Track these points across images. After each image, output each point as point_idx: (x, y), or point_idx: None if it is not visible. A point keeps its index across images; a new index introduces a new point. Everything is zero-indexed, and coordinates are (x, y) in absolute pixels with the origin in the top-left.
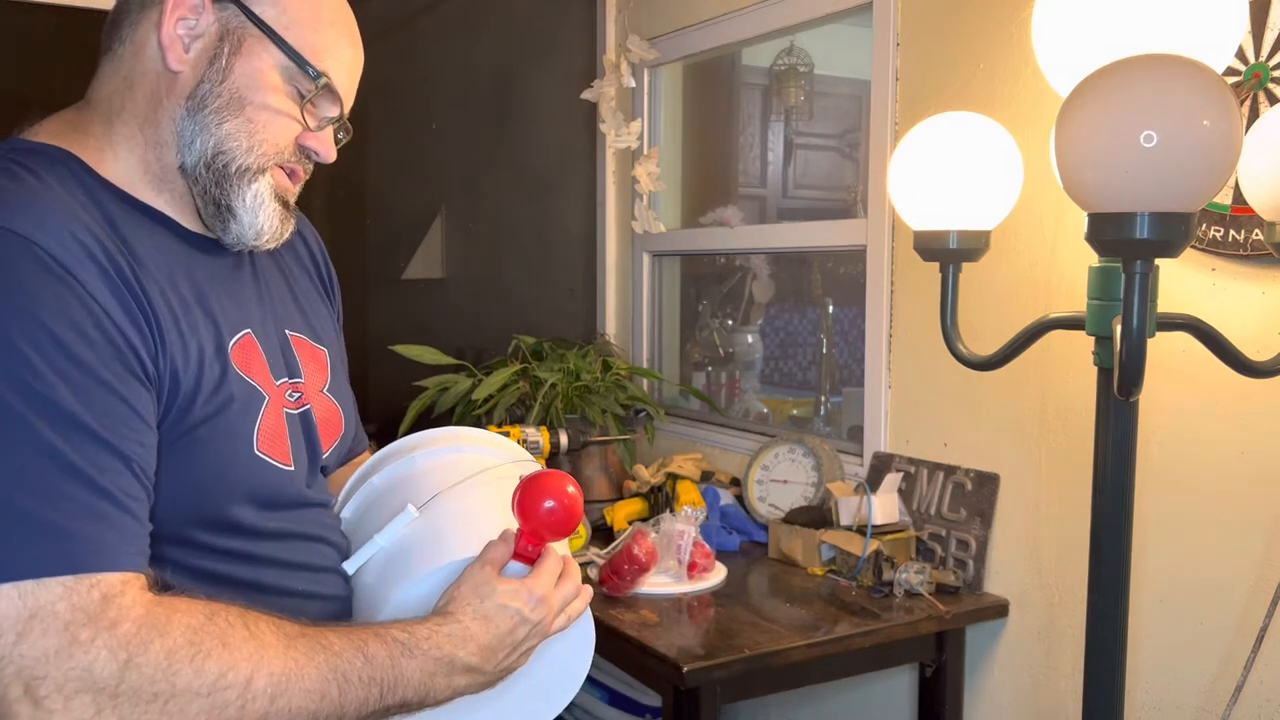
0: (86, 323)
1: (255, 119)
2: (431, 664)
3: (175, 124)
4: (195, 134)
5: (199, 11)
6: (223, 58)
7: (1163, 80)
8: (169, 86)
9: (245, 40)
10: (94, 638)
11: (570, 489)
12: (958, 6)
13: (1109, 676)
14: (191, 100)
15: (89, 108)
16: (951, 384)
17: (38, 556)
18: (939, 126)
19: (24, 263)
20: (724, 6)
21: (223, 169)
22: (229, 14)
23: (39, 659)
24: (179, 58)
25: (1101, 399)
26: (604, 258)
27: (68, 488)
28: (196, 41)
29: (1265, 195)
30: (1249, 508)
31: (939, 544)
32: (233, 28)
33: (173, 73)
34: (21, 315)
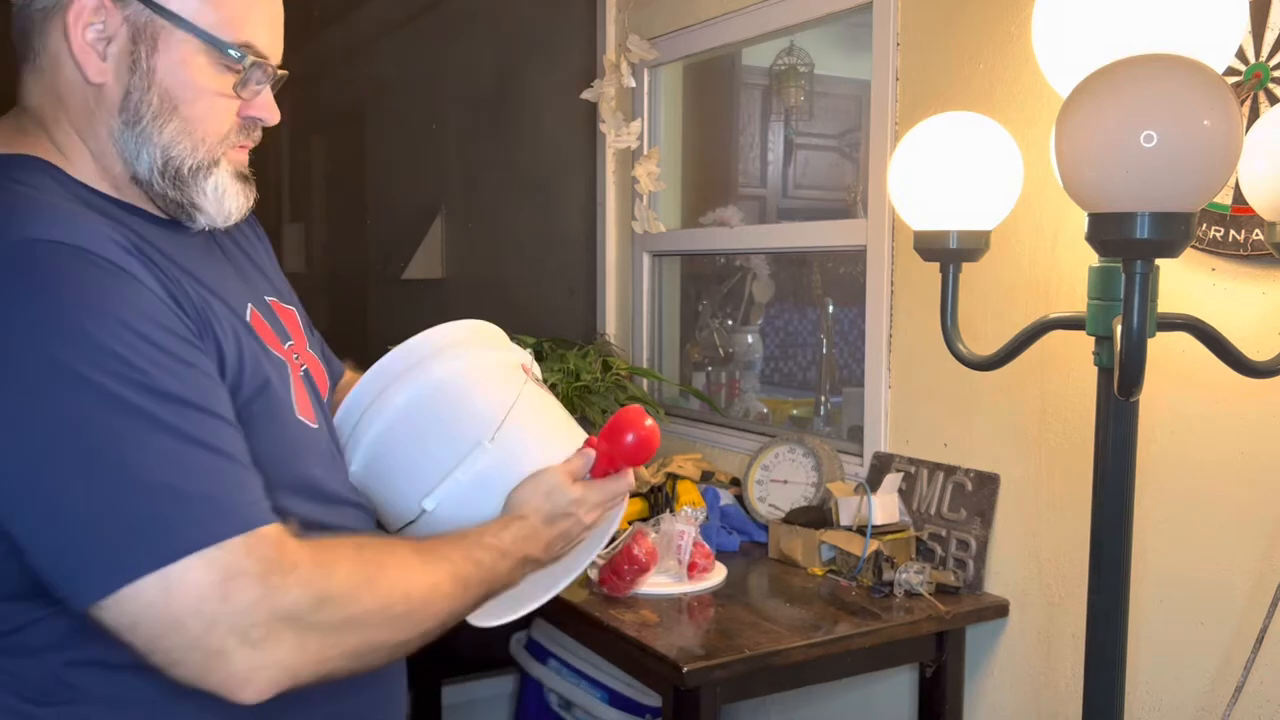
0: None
1: (192, 116)
2: (515, 563)
3: (115, 139)
4: (139, 147)
5: (102, 15)
6: (142, 60)
7: (1163, 80)
8: (97, 99)
9: (159, 36)
10: (284, 581)
11: (648, 423)
12: (958, 6)
13: (1109, 676)
14: (125, 113)
15: (26, 115)
16: (951, 384)
17: (208, 526)
18: (939, 126)
19: (80, 268)
20: (724, 6)
21: (176, 173)
22: (134, 11)
23: (246, 610)
24: (98, 69)
25: (1101, 399)
26: (604, 258)
27: (202, 460)
28: (110, 46)
29: (1265, 195)
30: (1249, 508)
31: (939, 544)
32: (143, 24)
33: (96, 85)
34: (98, 316)
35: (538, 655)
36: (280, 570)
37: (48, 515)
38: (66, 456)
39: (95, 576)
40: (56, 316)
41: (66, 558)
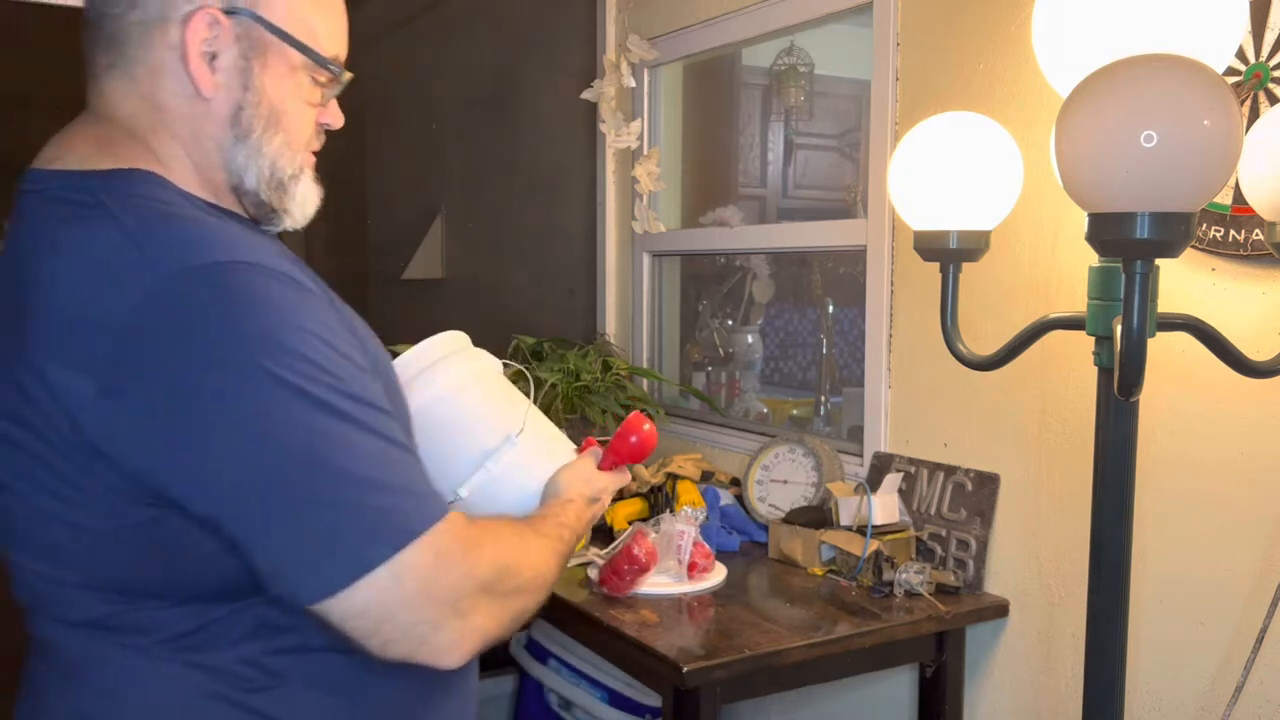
0: (329, 320)
1: (291, 127)
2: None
3: (222, 151)
4: (248, 160)
5: (216, 30)
6: (253, 75)
7: (1163, 80)
8: (205, 112)
9: (268, 51)
10: (479, 556)
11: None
12: (958, 6)
13: (1109, 676)
14: (236, 127)
15: (110, 124)
16: (951, 384)
17: (420, 514)
18: (939, 126)
19: (265, 283)
20: (724, 6)
21: (279, 182)
22: (246, 27)
23: (456, 584)
24: (211, 83)
25: (1101, 399)
26: (604, 258)
27: (395, 455)
28: (220, 60)
29: (1265, 195)
30: (1249, 508)
31: (939, 544)
32: (253, 40)
33: (206, 99)
34: (291, 328)
35: (537, 655)
36: (475, 546)
37: (275, 517)
38: (288, 460)
39: (330, 572)
40: (256, 331)
41: (296, 556)
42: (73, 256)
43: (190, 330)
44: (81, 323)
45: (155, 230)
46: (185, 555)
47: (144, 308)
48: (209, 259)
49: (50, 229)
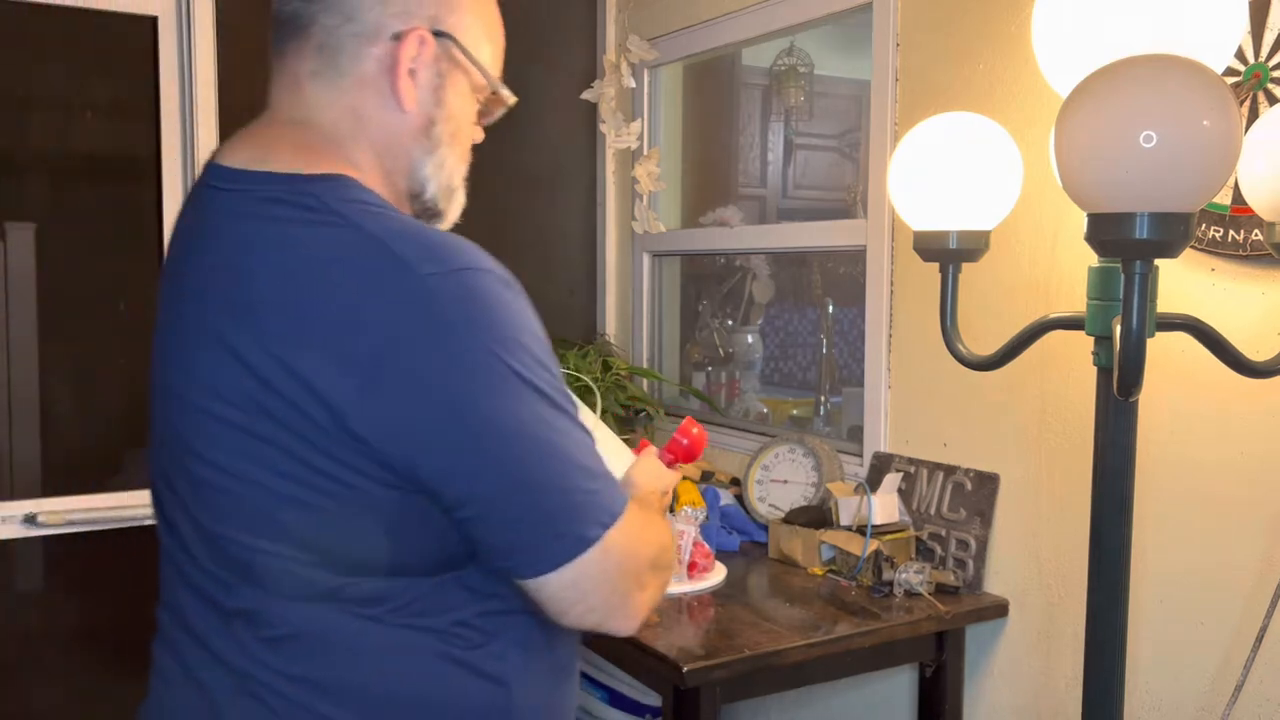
0: (538, 322)
1: (465, 142)
2: None
3: (412, 161)
4: (434, 171)
5: (423, 50)
6: (445, 93)
7: (1162, 80)
8: (402, 124)
9: (454, 71)
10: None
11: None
12: (958, 6)
13: (1108, 676)
14: (427, 139)
15: (310, 130)
16: (951, 384)
17: (618, 498)
18: (939, 126)
19: (499, 289)
20: (724, 7)
21: (449, 194)
22: (444, 48)
23: (642, 558)
24: (413, 99)
25: (1101, 399)
26: (604, 258)
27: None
28: (417, 76)
29: (1265, 195)
30: (1249, 507)
31: (939, 544)
32: (450, 59)
33: (406, 112)
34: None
35: None
36: (648, 524)
37: (514, 498)
38: (530, 448)
39: (556, 550)
40: (500, 332)
41: (528, 535)
42: (315, 256)
43: (446, 330)
44: (346, 321)
45: (395, 234)
46: (420, 533)
47: (404, 308)
48: (459, 265)
49: (275, 228)
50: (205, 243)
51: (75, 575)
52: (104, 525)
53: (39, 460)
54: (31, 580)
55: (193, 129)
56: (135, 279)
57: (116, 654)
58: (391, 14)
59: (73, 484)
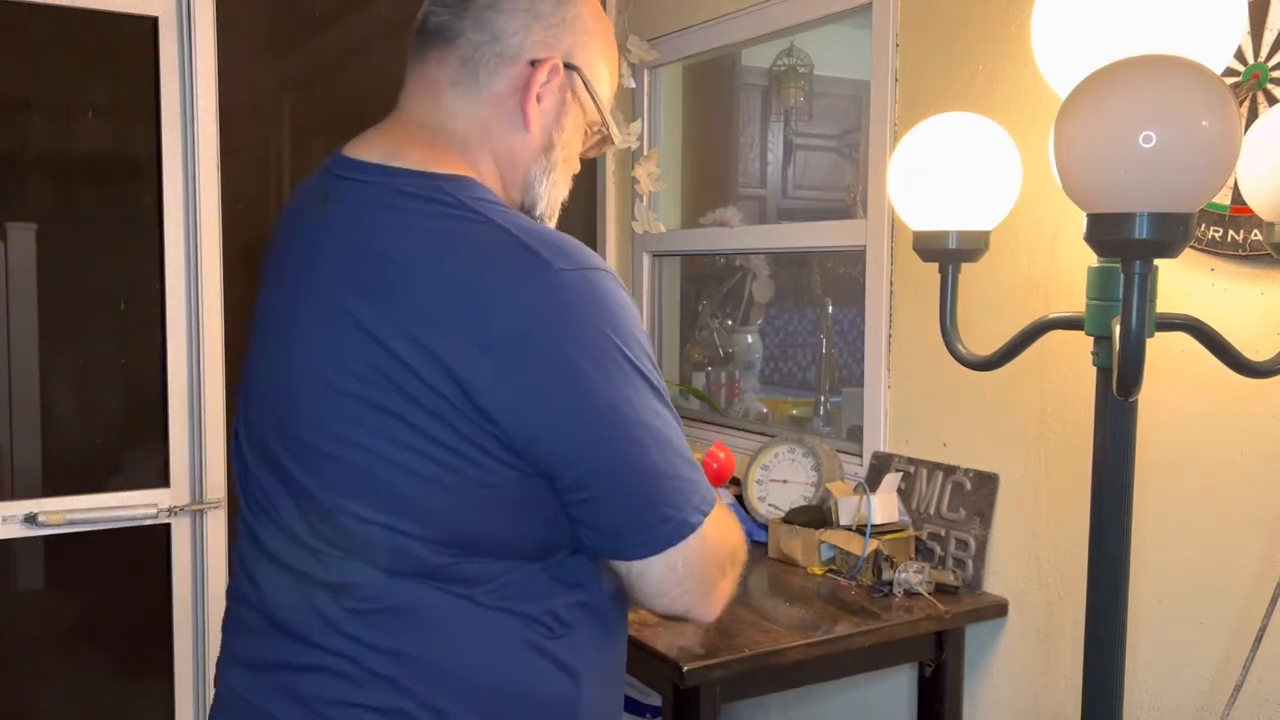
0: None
1: (573, 169)
2: None
3: (529, 178)
4: (546, 190)
5: (553, 77)
6: (564, 119)
7: (1162, 81)
8: (523, 143)
9: (574, 102)
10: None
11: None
12: (958, 6)
13: (1108, 676)
14: (545, 160)
15: (441, 134)
16: (951, 384)
17: (710, 490)
18: (939, 126)
19: (619, 290)
20: (724, 7)
21: (554, 210)
22: (571, 79)
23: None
24: (539, 122)
25: (1101, 399)
26: (604, 258)
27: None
28: (543, 102)
29: (1264, 195)
30: (1248, 507)
31: (938, 544)
32: (573, 91)
33: (528, 133)
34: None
35: None
36: (727, 516)
37: (630, 483)
38: (646, 437)
39: (663, 532)
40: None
41: (639, 518)
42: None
43: (579, 323)
44: (484, 307)
45: (532, 233)
46: (528, 514)
47: (544, 300)
48: (589, 264)
49: (411, 218)
50: (334, 227)
51: (75, 575)
52: (104, 525)
53: (39, 460)
54: (31, 580)
55: (193, 129)
56: (135, 279)
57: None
58: (533, 41)
59: (73, 484)
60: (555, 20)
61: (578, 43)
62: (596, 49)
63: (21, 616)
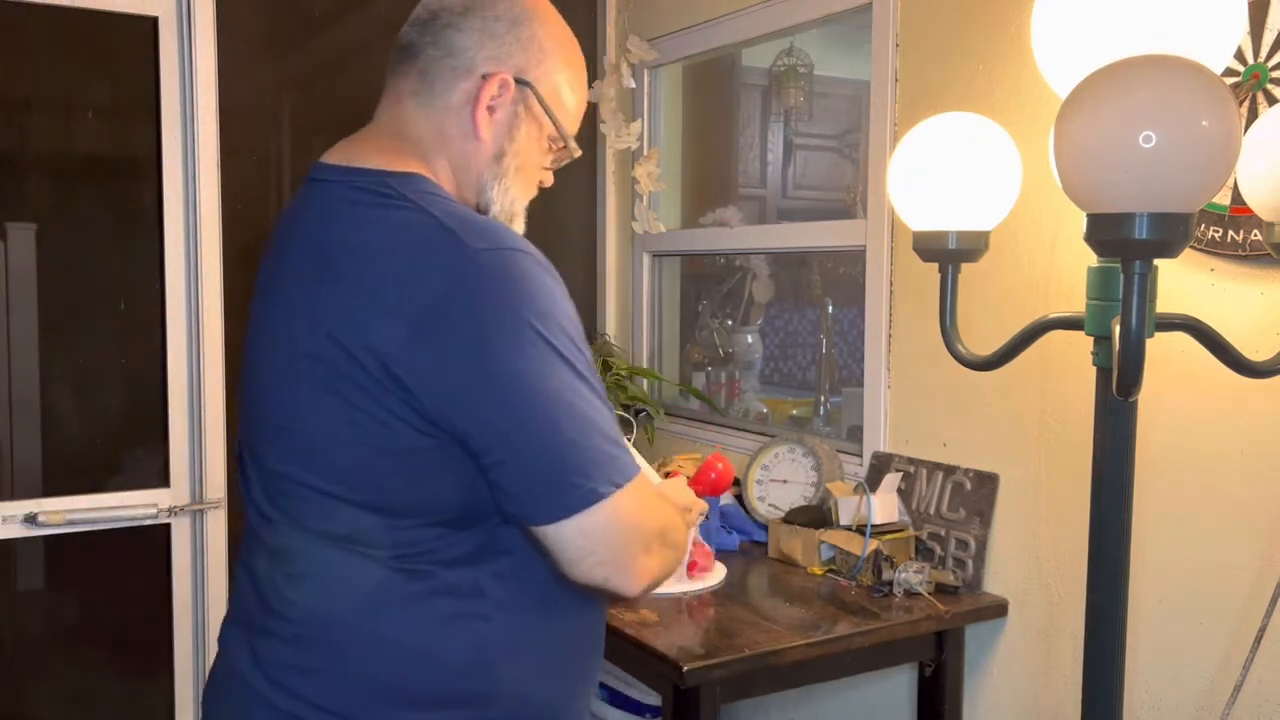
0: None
1: (529, 178)
2: None
3: (481, 182)
4: (498, 194)
5: (503, 91)
6: (519, 130)
7: (1162, 81)
8: (475, 150)
9: (533, 116)
10: (658, 505)
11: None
12: (958, 6)
13: (1108, 676)
14: (496, 165)
15: (400, 139)
16: (951, 384)
17: (630, 464)
18: (938, 127)
19: (540, 271)
20: (724, 7)
21: (510, 218)
22: (523, 94)
23: (650, 524)
24: (486, 130)
25: (1100, 399)
26: (604, 258)
27: (612, 420)
28: (496, 113)
29: (1264, 196)
30: (1248, 507)
31: (938, 544)
32: (526, 104)
33: (480, 140)
34: (557, 308)
35: None
36: (656, 497)
37: (535, 449)
38: (552, 405)
39: (569, 498)
40: (536, 306)
41: (544, 484)
42: (390, 233)
43: (491, 296)
44: (403, 282)
45: (457, 218)
46: (445, 479)
47: (458, 275)
48: (508, 245)
49: (363, 211)
50: (303, 227)
51: (75, 575)
52: (104, 525)
53: (39, 460)
54: (31, 580)
55: (193, 129)
56: (135, 279)
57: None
58: (485, 57)
59: (73, 484)
60: (509, 39)
61: (530, 60)
62: (552, 68)
63: (21, 616)
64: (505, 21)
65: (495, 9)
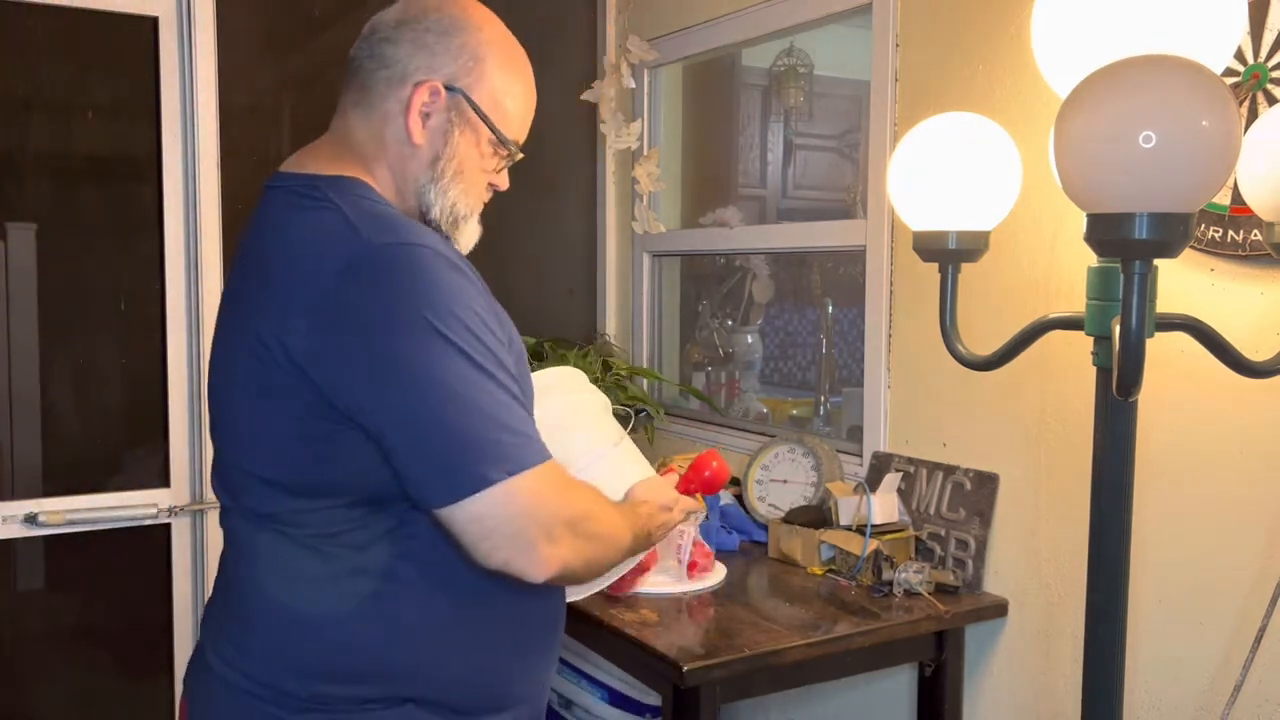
0: (482, 302)
1: (471, 181)
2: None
3: (417, 184)
4: (436, 197)
5: (435, 98)
6: (453, 135)
7: (1162, 81)
8: (412, 154)
9: (466, 122)
10: (569, 498)
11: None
12: (958, 6)
13: (1108, 676)
14: (432, 170)
15: (344, 146)
16: (951, 384)
17: (531, 453)
18: (938, 127)
19: (438, 264)
20: (724, 7)
21: (454, 220)
22: (457, 102)
23: (553, 513)
24: (421, 135)
25: (1100, 399)
26: (604, 258)
27: (519, 411)
28: (431, 120)
29: (1264, 196)
30: (1248, 507)
31: (938, 544)
32: (460, 111)
33: (415, 145)
34: (457, 301)
35: None
36: (568, 489)
37: (426, 435)
38: (442, 393)
39: (459, 483)
40: (429, 297)
41: (436, 468)
42: (304, 233)
43: (384, 287)
44: (308, 278)
45: (366, 216)
46: (350, 464)
47: (352, 266)
48: (405, 239)
49: (288, 214)
50: (250, 234)
51: (75, 575)
52: (104, 525)
53: (39, 460)
54: (32, 580)
55: (193, 129)
56: (135, 279)
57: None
58: (416, 66)
59: (73, 484)
60: (439, 49)
61: (462, 68)
62: (487, 74)
63: (21, 616)
64: (436, 32)
65: (426, 21)
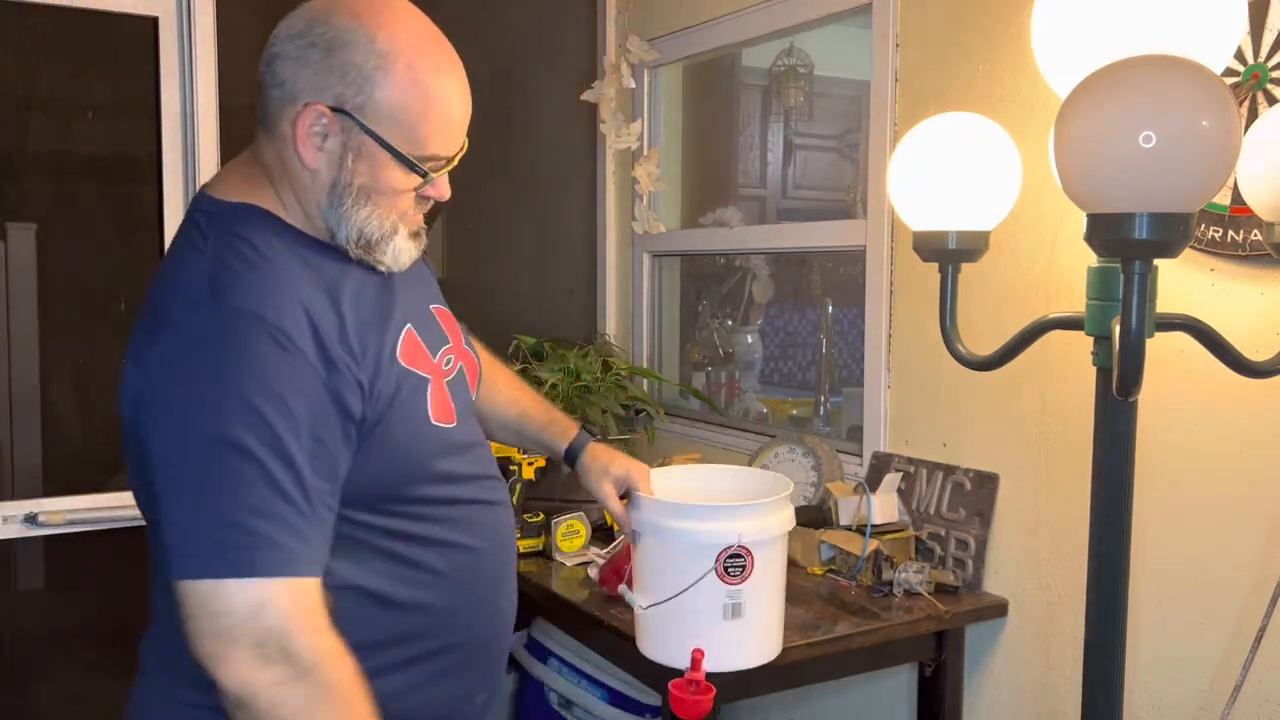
0: (308, 385)
1: (381, 203)
2: None
3: (321, 210)
4: (339, 221)
5: (324, 121)
6: (348, 161)
7: (1162, 81)
8: (311, 178)
9: (363, 146)
10: (302, 632)
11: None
12: (958, 7)
13: (1108, 676)
14: (331, 195)
15: (258, 166)
16: (951, 384)
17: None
18: (938, 127)
19: (258, 339)
20: (724, 7)
21: (366, 242)
22: (346, 124)
23: (266, 631)
24: (313, 159)
25: (1100, 399)
26: (604, 258)
27: (282, 510)
28: (325, 143)
29: (1264, 196)
30: (1248, 507)
31: (938, 544)
32: (352, 136)
33: (311, 170)
34: (259, 381)
35: (538, 655)
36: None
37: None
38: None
39: (181, 564)
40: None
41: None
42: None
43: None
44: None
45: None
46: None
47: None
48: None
49: (174, 256)
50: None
51: (75, 575)
52: (104, 525)
53: (39, 460)
54: (32, 580)
55: (193, 129)
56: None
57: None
58: (302, 87)
59: (73, 484)
60: (323, 68)
61: (350, 88)
62: (381, 92)
63: (21, 616)
64: (321, 49)
65: (312, 34)
